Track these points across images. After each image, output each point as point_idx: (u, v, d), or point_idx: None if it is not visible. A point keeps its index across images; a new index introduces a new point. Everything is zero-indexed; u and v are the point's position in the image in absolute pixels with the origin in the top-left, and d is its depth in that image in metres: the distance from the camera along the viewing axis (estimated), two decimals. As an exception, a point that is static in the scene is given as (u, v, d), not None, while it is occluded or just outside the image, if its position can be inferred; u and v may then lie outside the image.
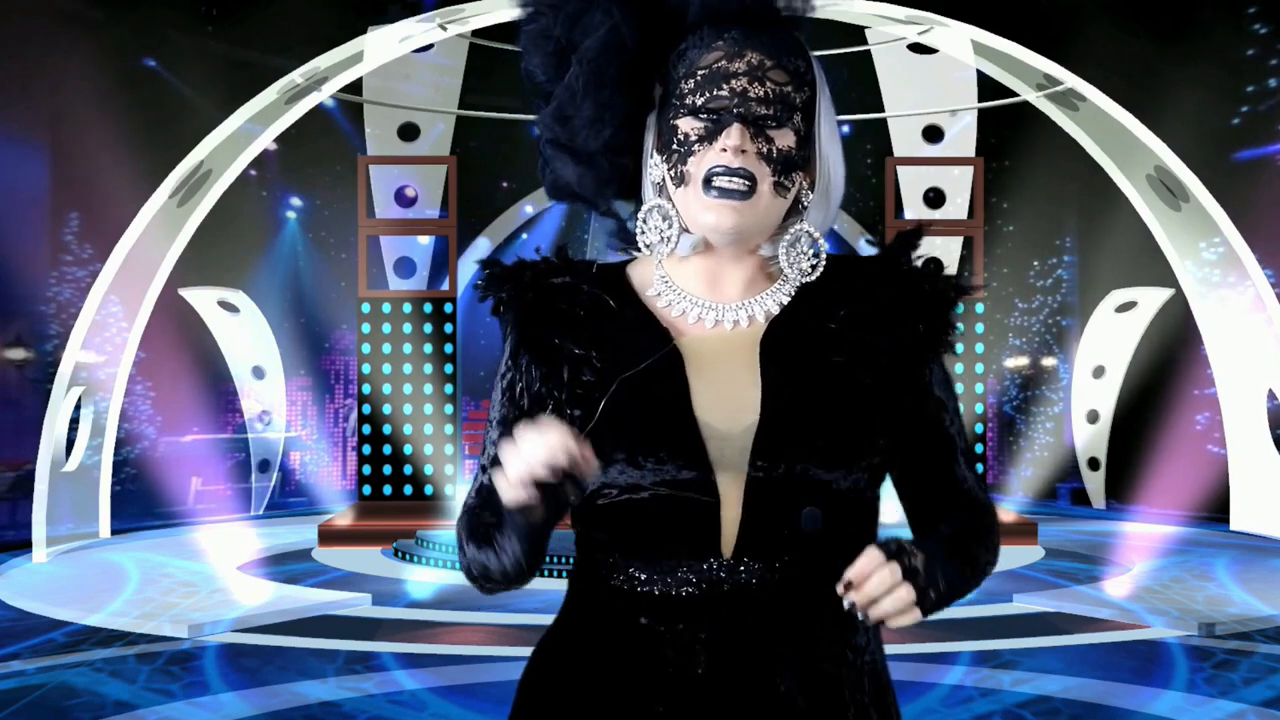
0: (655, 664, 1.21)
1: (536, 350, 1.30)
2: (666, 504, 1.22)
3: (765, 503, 1.21)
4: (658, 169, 1.30)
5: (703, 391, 1.24)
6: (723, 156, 1.24)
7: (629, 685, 1.23)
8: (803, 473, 1.22)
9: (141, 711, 4.53)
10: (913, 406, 1.30)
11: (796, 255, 1.30)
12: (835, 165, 1.32)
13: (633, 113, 1.30)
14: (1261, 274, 8.72)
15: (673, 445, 1.22)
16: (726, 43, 1.25)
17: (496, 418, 1.35)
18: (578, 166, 1.31)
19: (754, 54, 1.25)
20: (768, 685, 1.21)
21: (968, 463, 1.35)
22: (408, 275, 10.29)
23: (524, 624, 5.91)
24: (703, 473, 1.22)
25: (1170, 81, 10.39)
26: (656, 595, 1.23)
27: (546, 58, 1.30)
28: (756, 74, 1.25)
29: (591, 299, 1.31)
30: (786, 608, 1.21)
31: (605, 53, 1.26)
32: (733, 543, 1.22)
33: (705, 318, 1.30)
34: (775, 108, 1.25)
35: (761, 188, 1.25)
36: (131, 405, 11.13)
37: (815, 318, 1.29)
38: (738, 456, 1.22)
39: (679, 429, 1.22)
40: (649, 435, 1.22)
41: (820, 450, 1.22)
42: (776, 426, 1.22)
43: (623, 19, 1.26)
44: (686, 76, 1.26)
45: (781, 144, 1.25)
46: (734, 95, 1.24)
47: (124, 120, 10.28)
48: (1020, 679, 4.98)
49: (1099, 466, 11.85)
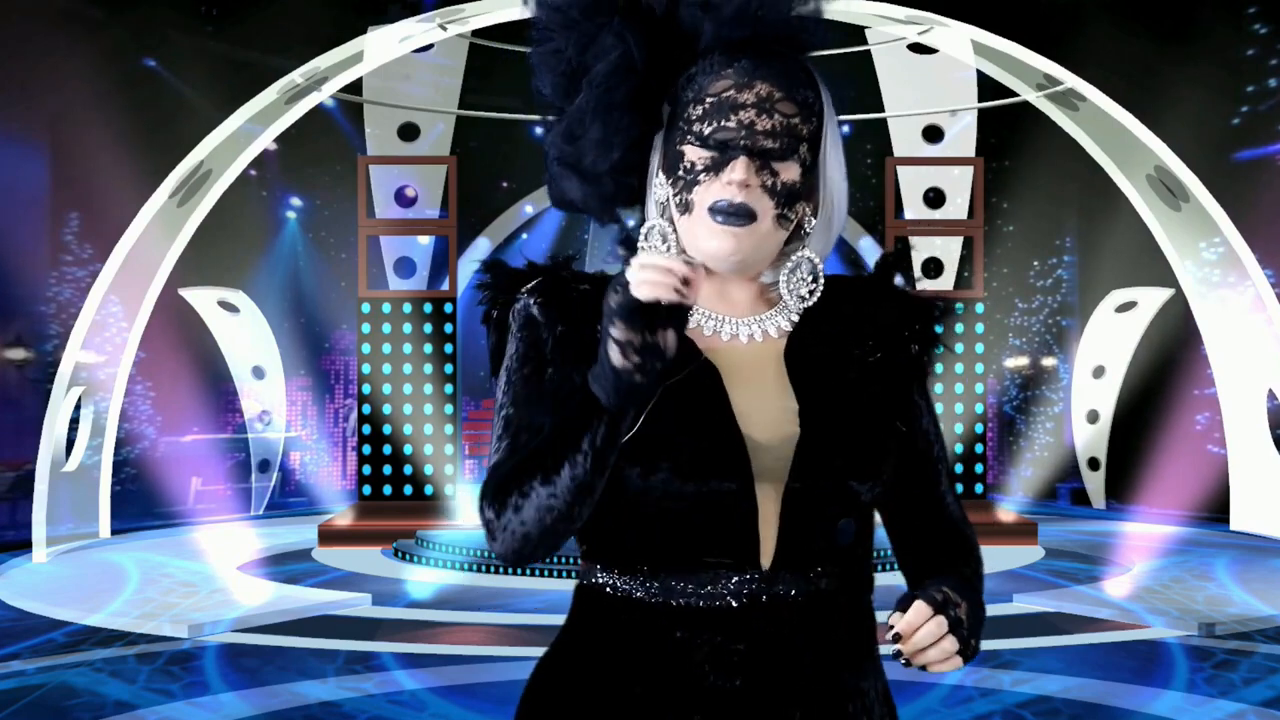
0: (692, 677, 1.21)
1: (575, 350, 1.26)
2: (707, 515, 1.23)
3: (803, 514, 1.23)
4: (662, 189, 1.30)
5: (741, 403, 1.25)
6: (727, 190, 1.23)
7: (664, 700, 1.23)
8: (839, 484, 1.24)
9: (141, 711, 4.53)
10: (906, 428, 1.34)
11: (796, 282, 1.31)
12: (839, 193, 1.33)
13: (640, 134, 1.30)
14: (1261, 274, 8.72)
15: (716, 455, 1.22)
16: (736, 71, 1.25)
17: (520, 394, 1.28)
18: (584, 185, 1.31)
19: (763, 85, 1.24)
20: (806, 698, 1.23)
21: (950, 485, 1.39)
22: (408, 275, 10.29)
23: (524, 624, 5.92)
24: (744, 484, 1.22)
25: (1170, 81, 10.39)
26: (693, 608, 1.22)
27: (558, 78, 1.29)
28: (764, 106, 1.24)
29: None
30: (821, 620, 1.23)
31: (615, 76, 1.26)
32: (771, 554, 1.23)
33: (721, 330, 1.30)
34: (782, 141, 1.25)
35: (763, 220, 1.25)
36: (131, 405, 11.14)
37: (826, 333, 1.32)
38: (777, 467, 1.23)
39: (723, 440, 1.23)
40: (693, 445, 1.22)
41: (857, 463, 1.25)
42: (818, 439, 1.24)
43: (634, 43, 1.26)
44: (695, 102, 1.26)
45: (786, 177, 1.25)
46: (741, 127, 1.24)
47: (124, 120, 10.29)
48: (1020, 679, 4.98)
49: (1099, 466, 11.86)
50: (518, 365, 1.30)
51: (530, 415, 1.27)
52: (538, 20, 1.30)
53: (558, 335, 1.27)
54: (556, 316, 1.28)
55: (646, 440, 1.21)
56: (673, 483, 1.22)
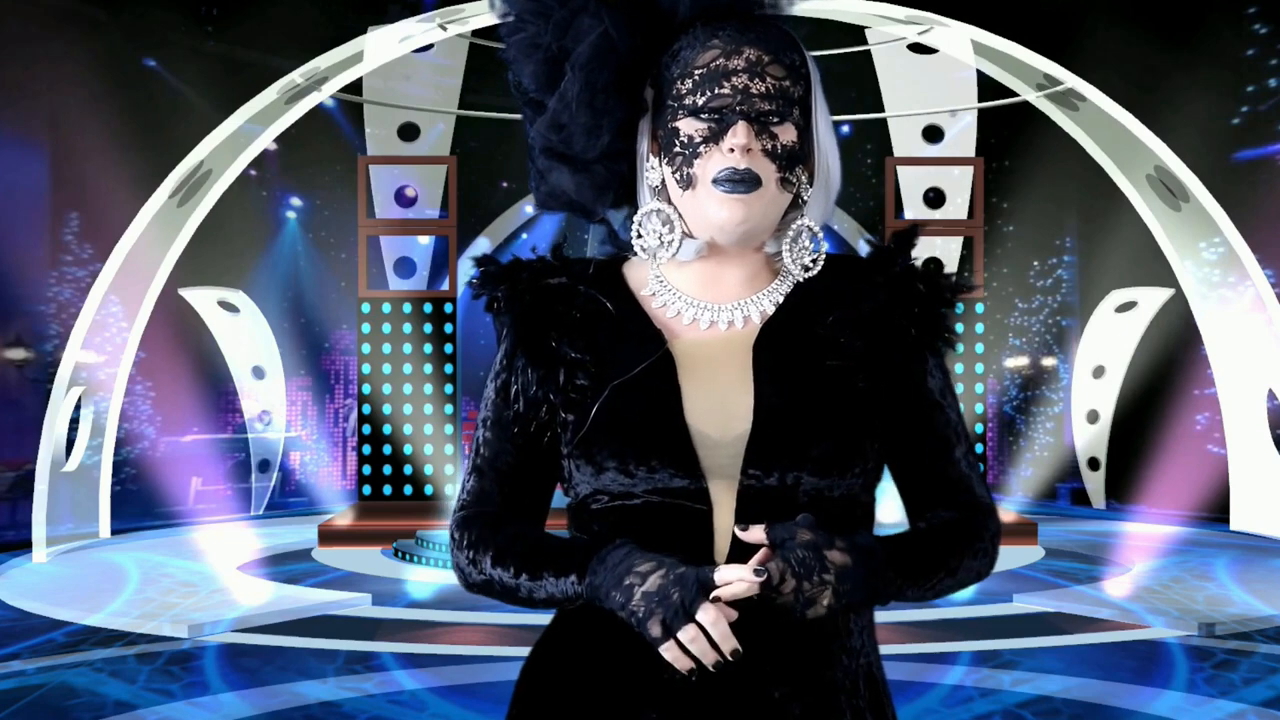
0: (648, 671, 1.20)
1: (533, 353, 1.28)
2: (658, 512, 1.22)
3: (758, 511, 1.20)
4: (655, 172, 1.29)
5: (695, 397, 1.24)
6: (729, 158, 1.23)
7: (622, 693, 1.22)
8: (795, 481, 1.21)
9: (141, 711, 4.53)
10: (907, 408, 1.29)
11: (799, 251, 1.30)
12: (832, 158, 1.32)
13: (628, 118, 1.29)
14: (1261, 274, 8.72)
15: (664, 452, 1.21)
16: (722, 40, 1.24)
17: (491, 418, 1.34)
18: (575, 175, 1.30)
19: (752, 50, 1.24)
20: (762, 692, 1.20)
21: (969, 462, 1.33)
22: (408, 275, 10.29)
23: (524, 624, 5.91)
24: (694, 480, 1.21)
25: (1170, 81, 10.39)
26: None
27: (537, 66, 1.28)
28: (756, 70, 1.24)
29: (587, 300, 1.30)
30: (780, 613, 1.19)
31: (597, 58, 1.25)
32: (726, 551, 1.21)
33: (700, 318, 1.29)
34: (777, 103, 1.24)
35: (768, 184, 1.24)
36: (131, 405, 11.14)
37: (809, 318, 1.28)
38: (730, 464, 1.21)
39: (670, 436, 1.21)
40: (640, 442, 1.21)
41: (812, 459, 1.21)
42: (768, 434, 1.21)
43: (612, 23, 1.25)
44: (683, 77, 1.25)
45: (785, 139, 1.25)
46: (736, 92, 1.23)
47: (124, 120, 10.29)
48: (1020, 679, 4.98)
49: (1099, 466, 11.85)
50: (492, 379, 1.35)
51: (495, 452, 1.33)
52: (510, 12, 1.29)
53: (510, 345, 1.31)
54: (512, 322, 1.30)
55: (598, 437, 1.22)
56: (622, 480, 1.22)
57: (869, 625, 1.30)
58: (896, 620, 5.86)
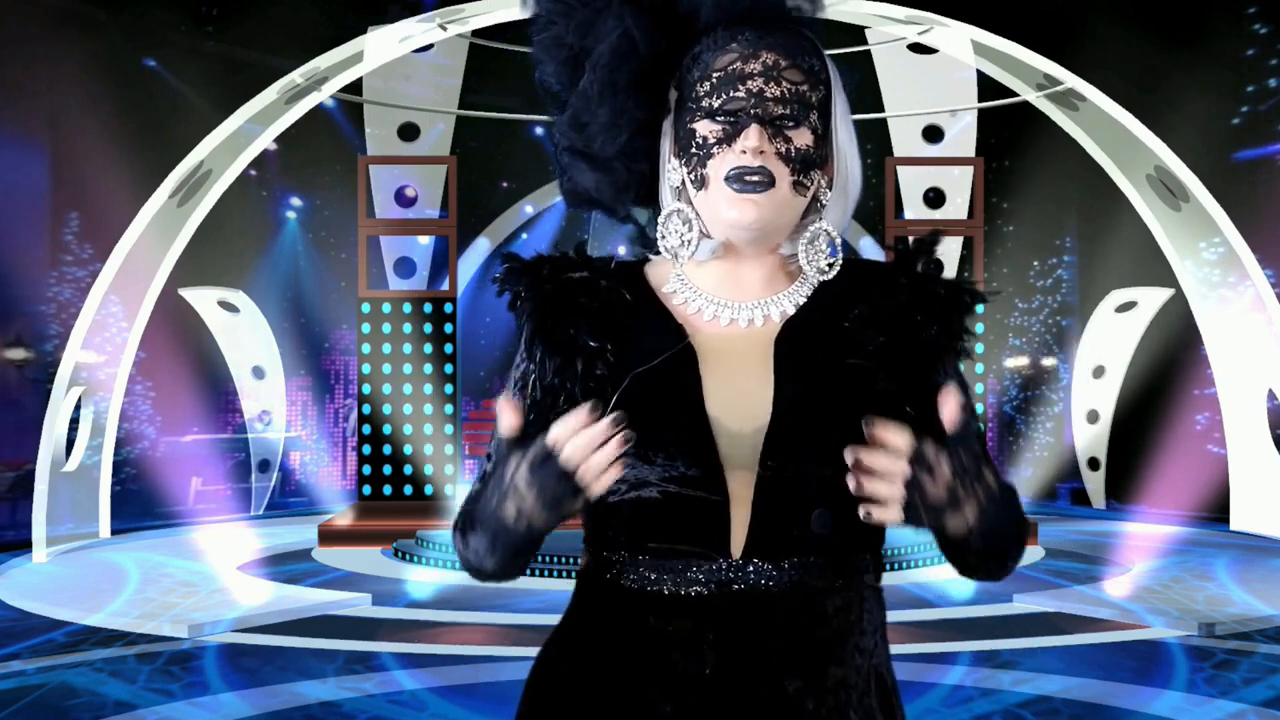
0: (663, 664, 1.20)
1: (551, 341, 1.28)
2: (676, 502, 1.22)
3: (775, 503, 1.21)
4: (676, 173, 1.30)
5: (715, 389, 1.24)
6: (742, 158, 1.24)
7: (637, 685, 1.22)
8: (813, 474, 1.21)
9: (141, 711, 4.53)
10: (925, 409, 1.29)
11: (815, 254, 1.31)
12: (852, 163, 1.33)
13: (648, 118, 1.31)
14: (1261, 274, 8.72)
15: (682, 442, 1.22)
16: (741, 44, 1.25)
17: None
18: (595, 173, 1.31)
19: (769, 54, 1.25)
20: (775, 686, 1.20)
21: (986, 463, 1.32)
22: (408, 275, 10.30)
23: (524, 624, 5.92)
24: (712, 471, 1.21)
25: (1170, 81, 10.39)
26: (665, 594, 1.22)
27: (560, 65, 1.30)
28: (772, 74, 1.25)
29: (609, 293, 1.31)
30: (795, 609, 1.20)
31: (617, 57, 1.27)
32: (742, 542, 1.21)
33: (720, 315, 1.30)
34: (792, 107, 1.25)
35: (781, 186, 1.25)
36: (131, 405, 11.14)
37: (830, 318, 1.29)
38: (748, 456, 1.22)
39: (689, 426, 1.22)
40: (659, 431, 1.21)
41: (831, 451, 1.20)
42: (786, 426, 1.22)
43: (634, 23, 1.26)
44: (702, 79, 1.26)
45: (799, 143, 1.26)
46: (750, 96, 1.24)
47: (124, 120, 10.30)
48: (1020, 679, 4.98)
49: (1099, 466, 11.85)
50: (515, 362, 1.34)
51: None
52: (538, 10, 1.31)
53: (530, 333, 1.30)
54: (531, 310, 1.30)
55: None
56: (640, 469, 1.22)
57: (881, 626, 1.30)
58: (896, 620, 5.85)
